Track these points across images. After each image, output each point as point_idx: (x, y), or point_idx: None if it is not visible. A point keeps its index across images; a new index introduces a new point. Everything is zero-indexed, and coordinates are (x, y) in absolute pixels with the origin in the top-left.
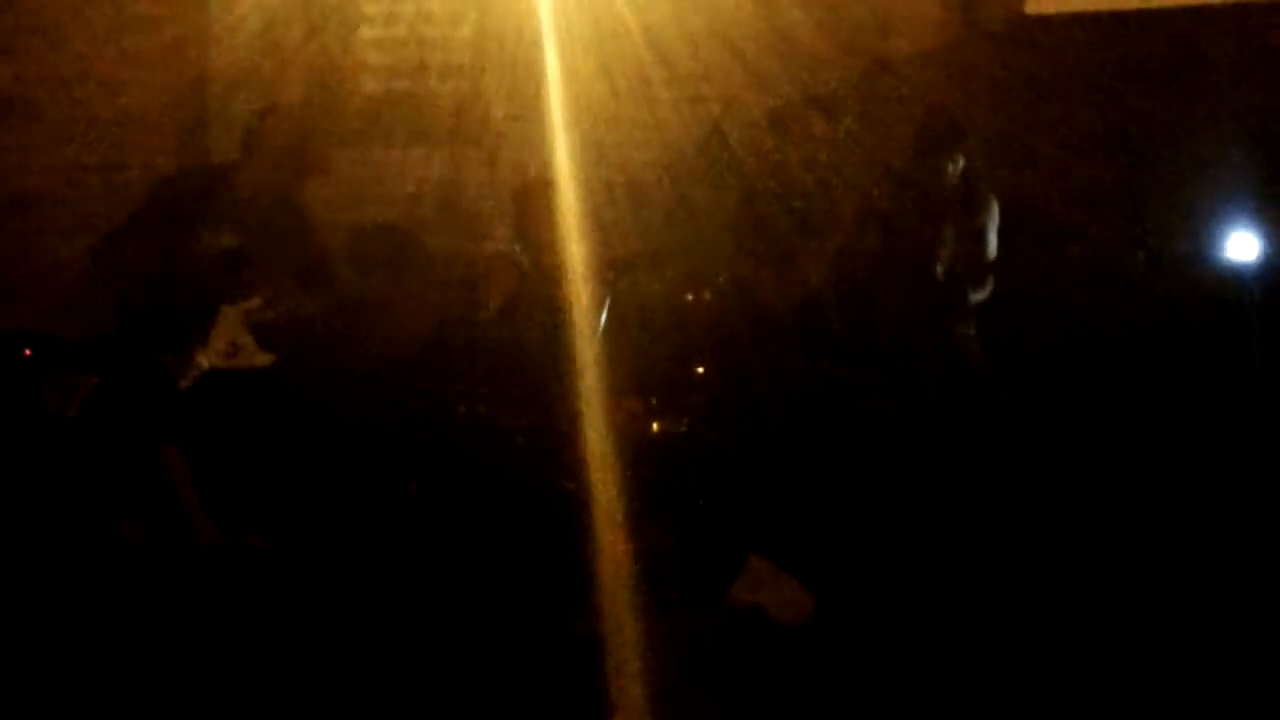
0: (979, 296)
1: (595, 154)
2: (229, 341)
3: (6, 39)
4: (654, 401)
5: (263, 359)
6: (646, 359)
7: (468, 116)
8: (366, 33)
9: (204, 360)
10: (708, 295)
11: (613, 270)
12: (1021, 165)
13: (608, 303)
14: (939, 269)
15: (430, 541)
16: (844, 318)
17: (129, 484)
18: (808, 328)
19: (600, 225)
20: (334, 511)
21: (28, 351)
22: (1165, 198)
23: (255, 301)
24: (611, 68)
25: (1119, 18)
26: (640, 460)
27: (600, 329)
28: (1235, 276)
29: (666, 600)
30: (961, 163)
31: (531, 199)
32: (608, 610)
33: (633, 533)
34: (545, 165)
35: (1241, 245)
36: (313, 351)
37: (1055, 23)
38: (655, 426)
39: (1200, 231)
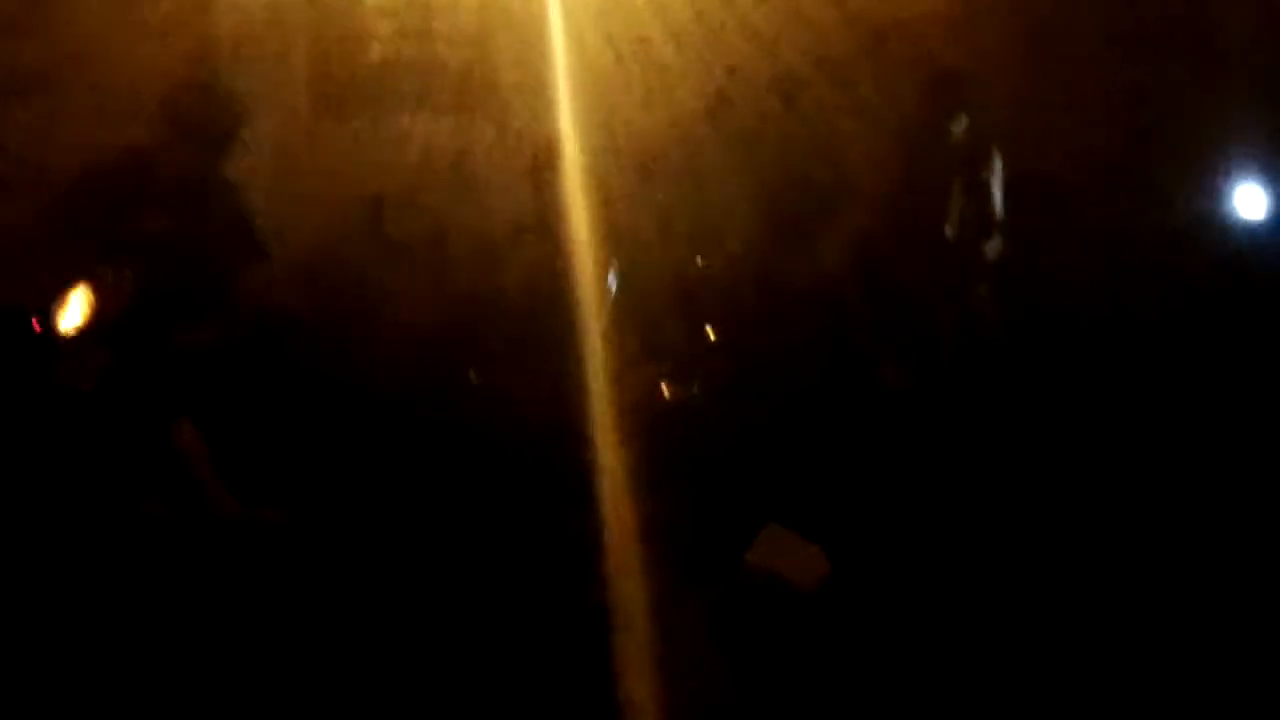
0: (989, 253)
1: (602, 120)
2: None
3: (21, 17)
4: (666, 368)
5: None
6: (658, 326)
7: (474, 83)
8: (369, 3)
9: (228, 333)
10: (719, 262)
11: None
12: (1031, 126)
13: (617, 270)
14: (949, 228)
15: (444, 511)
16: (861, 286)
17: (151, 460)
18: (823, 297)
19: (608, 193)
20: (352, 483)
21: (37, 326)
22: (1178, 160)
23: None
24: (617, 34)
25: None
26: (653, 427)
27: (611, 297)
28: (1248, 241)
29: (682, 567)
30: (966, 120)
31: (540, 166)
32: (621, 578)
33: (647, 500)
34: (553, 133)
35: (1254, 208)
36: (329, 325)
37: None
38: (667, 393)
39: (1214, 195)
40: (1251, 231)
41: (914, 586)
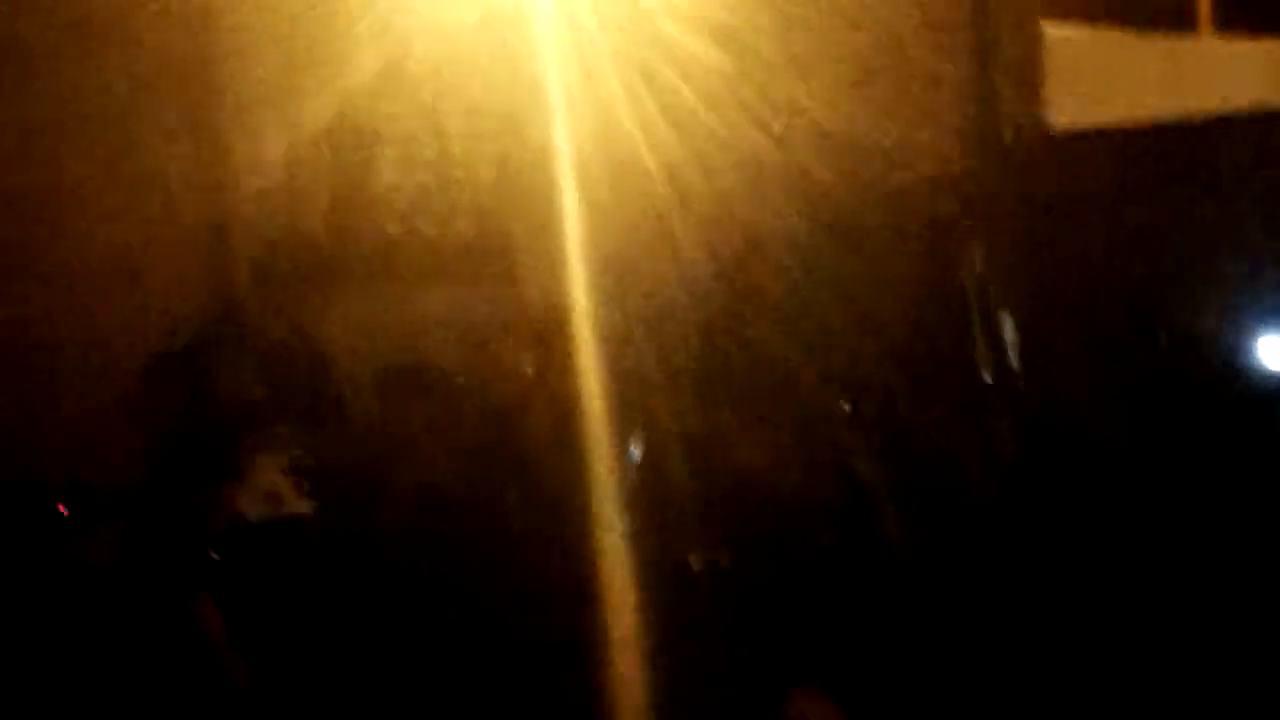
0: (1006, 394)
1: (616, 287)
2: (268, 490)
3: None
4: (684, 534)
5: (303, 506)
6: (676, 492)
7: (488, 254)
8: (385, 175)
9: (247, 509)
10: (736, 424)
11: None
12: (1048, 278)
13: (639, 434)
14: (965, 375)
15: (460, 678)
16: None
17: (163, 629)
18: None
19: (621, 359)
20: (365, 649)
21: (63, 508)
22: (1192, 307)
23: (294, 451)
24: (632, 202)
25: (1142, 130)
26: (672, 593)
27: (633, 461)
28: (1266, 385)
29: None
30: (976, 267)
31: (553, 334)
32: None
33: (665, 666)
34: (565, 301)
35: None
36: (345, 494)
37: (1078, 136)
38: (686, 559)
39: (1228, 341)
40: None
41: None
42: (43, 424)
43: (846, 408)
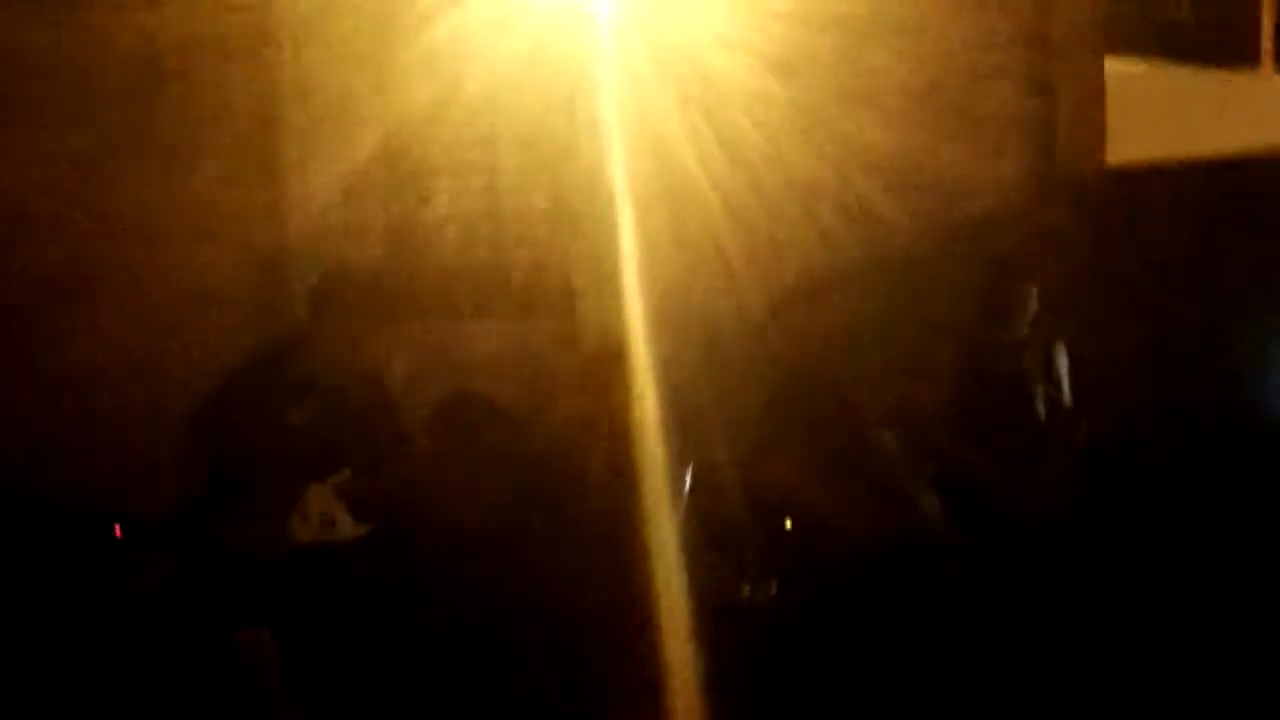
0: (1060, 436)
1: (671, 316)
2: (322, 515)
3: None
4: (740, 564)
5: (357, 530)
6: (731, 522)
7: (542, 285)
8: (440, 206)
9: (301, 534)
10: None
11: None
12: (1106, 317)
13: (694, 466)
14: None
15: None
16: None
17: (211, 666)
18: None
19: (676, 388)
20: (420, 683)
21: (119, 532)
22: (1256, 344)
23: (345, 474)
24: (687, 232)
25: (1201, 165)
26: (728, 623)
27: (684, 494)
28: None
29: None
30: (1034, 304)
31: (607, 363)
32: None
33: (721, 696)
34: (620, 330)
35: None
36: (395, 525)
37: (1137, 173)
38: (741, 589)
39: None
40: None
41: None
42: (100, 456)
43: (903, 442)
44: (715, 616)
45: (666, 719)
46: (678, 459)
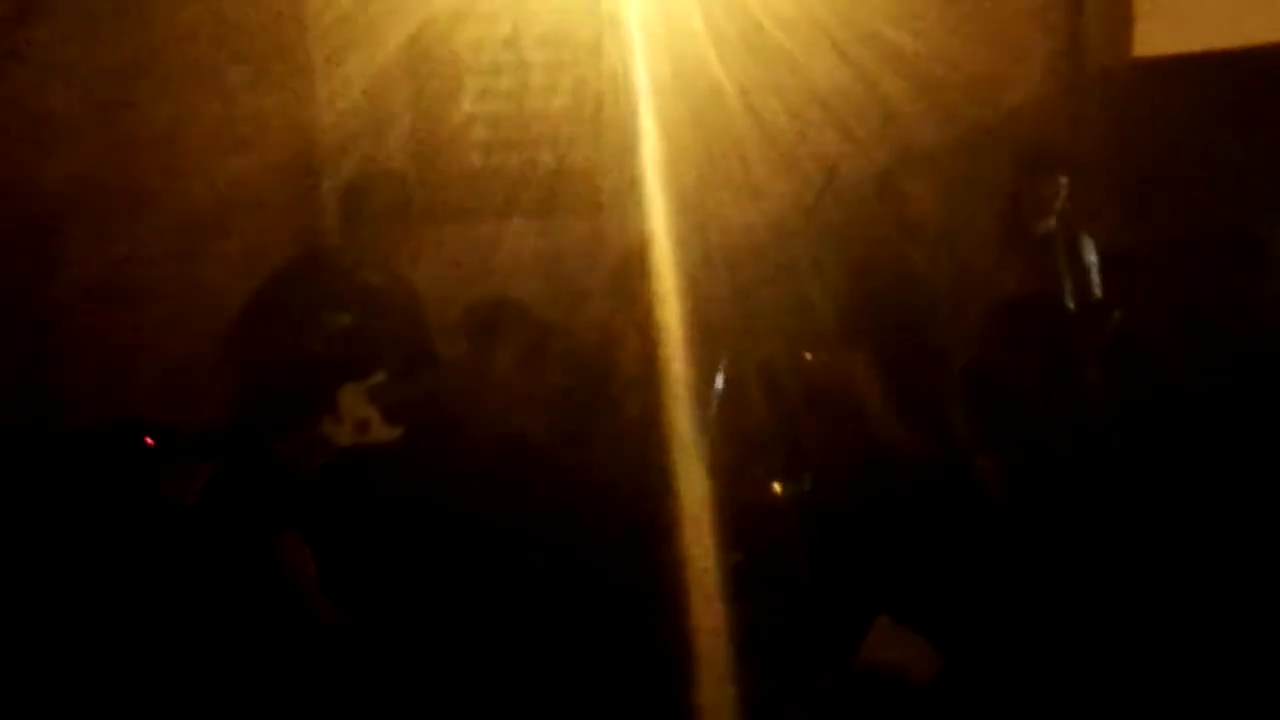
0: (1096, 335)
1: (695, 219)
2: (356, 419)
3: (107, 140)
4: (771, 465)
5: (392, 433)
6: (761, 423)
7: (567, 186)
8: (466, 106)
9: (337, 438)
10: (821, 357)
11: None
12: (1134, 209)
13: (723, 366)
14: (1054, 311)
15: (545, 618)
16: (965, 377)
17: (250, 569)
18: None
19: (703, 291)
20: (455, 592)
21: (150, 440)
22: None
23: (380, 377)
24: (710, 134)
25: (1227, 59)
26: (759, 525)
27: (717, 393)
28: None
29: (791, 665)
30: (1065, 202)
31: (633, 265)
32: (731, 677)
33: (756, 597)
34: (645, 232)
35: None
36: (431, 429)
37: (1165, 64)
38: (776, 489)
39: None
40: None
41: (1030, 675)
42: (137, 366)
43: (927, 341)
44: (746, 515)
45: (697, 618)
46: (705, 358)
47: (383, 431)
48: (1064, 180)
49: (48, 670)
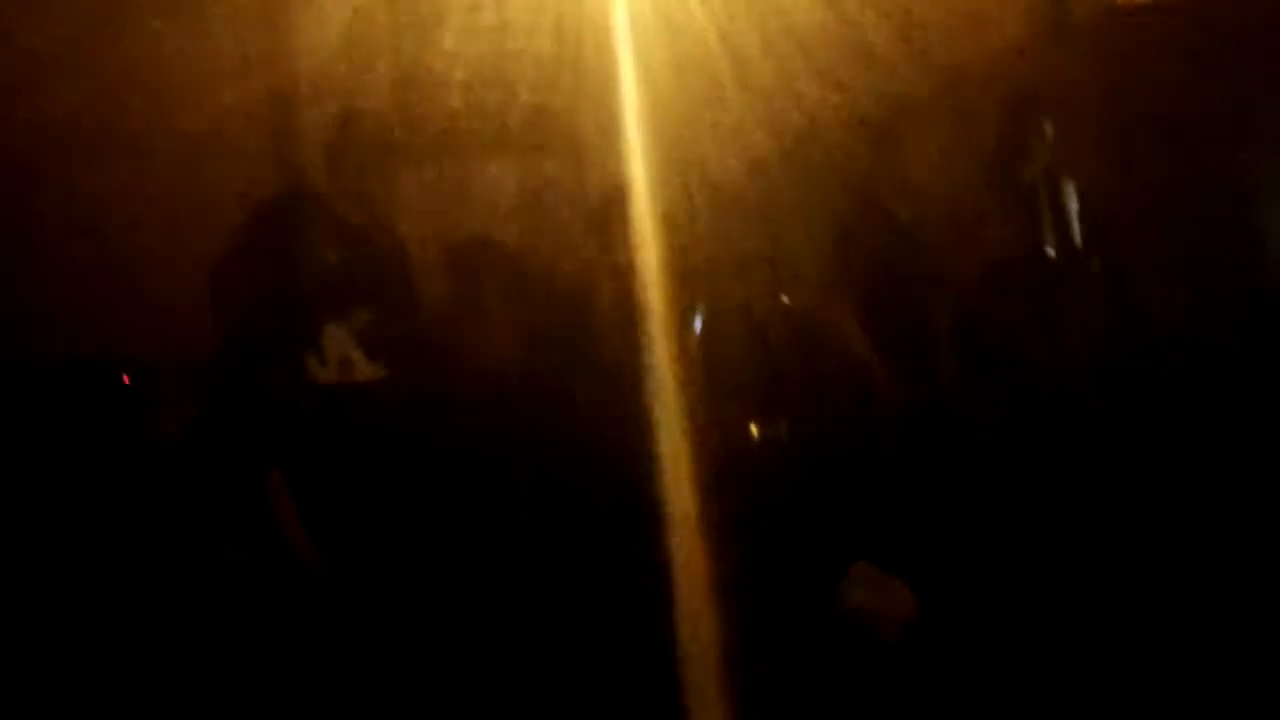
0: (1079, 284)
1: (676, 162)
2: (340, 358)
3: (86, 77)
4: (750, 408)
5: (376, 372)
6: (740, 366)
7: (547, 126)
8: (446, 45)
9: (321, 376)
10: (800, 300)
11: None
12: (1117, 157)
13: (702, 308)
14: (1036, 259)
15: (527, 556)
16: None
17: (233, 508)
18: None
19: (683, 233)
20: (437, 531)
21: (126, 378)
22: (1270, 186)
23: (363, 316)
24: (691, 79)
25: (1213, 3)
26: (737, 468)
27: (696, 335)
28: None
29: (768, 606)
30: (1047, 150)
31: (612, 207)
32: (706, 618)
33: (734, 539)
34: (625, 173)
35: None
36: (412, 368)
37: (1147, 11)
38: (755, 432)
39: None
40: None
41: (1005, 623)
42: (120, 303)
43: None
44: (724, 459)
45: (674, 560)
46: (685, 300)
47: (366, 370)
48: (1049, 126)
49: (28, 611)
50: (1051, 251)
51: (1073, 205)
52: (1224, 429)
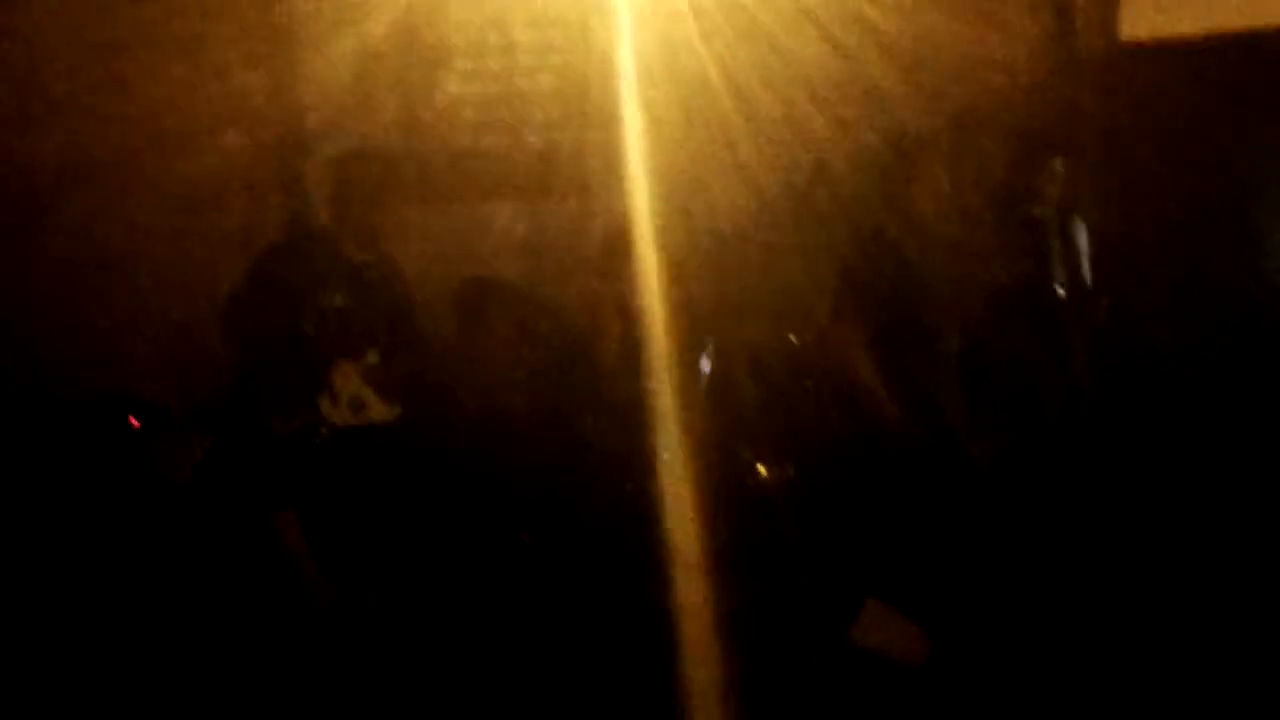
0: (1085, 319)
1: (682, 202)
2: (351, 398)
3: (85, 97)
4: (757, 448)
5: (390, 412)
6: (747, 405)
7: (554, 168)
8: (454, 87)
9: (333, 418)
10: (807, 340)
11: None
12: (1123, 193)
13: (709, 347)
14: (1043, 295)
15: (538, 594)
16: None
17: (244, 547)
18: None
19: (688, 272)
20: (449, 567)
21: (135, 421)
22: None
23: (373, 357)
24: (699, 119)
25: (1218, 41)
26: (745, 508)
27: (704, 376)
28: None
29: (779, 646)
30: (1055, 187)
31: (618, 247)
32: (720, 658)
33: (741, 577)
34: (631, 214)
35: None
36: (419, 409)
37: (1152, 49)
38: (763, 472)
39: None
40: None
41: (1017, 659)
42: (127, 343)
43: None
44: (731, 498)
45: (680, 598)
46: (691, 341)
47: (378, 409)
48: (1060, 166)
49: (39, 649)
50: (1058, 286)
51: (1080, 240)
52: (1227, 463)
